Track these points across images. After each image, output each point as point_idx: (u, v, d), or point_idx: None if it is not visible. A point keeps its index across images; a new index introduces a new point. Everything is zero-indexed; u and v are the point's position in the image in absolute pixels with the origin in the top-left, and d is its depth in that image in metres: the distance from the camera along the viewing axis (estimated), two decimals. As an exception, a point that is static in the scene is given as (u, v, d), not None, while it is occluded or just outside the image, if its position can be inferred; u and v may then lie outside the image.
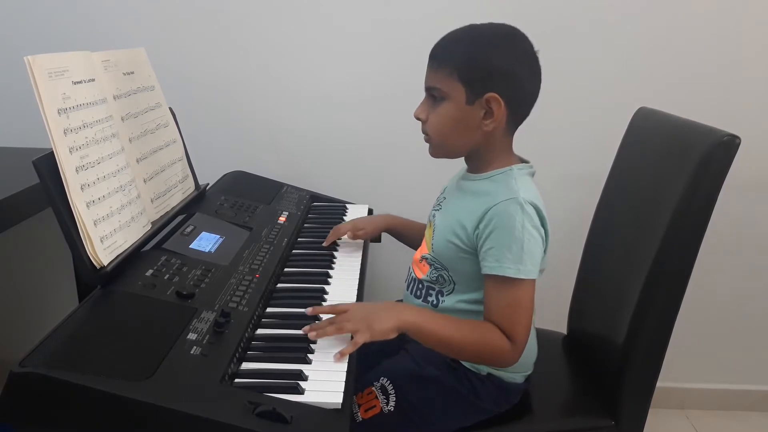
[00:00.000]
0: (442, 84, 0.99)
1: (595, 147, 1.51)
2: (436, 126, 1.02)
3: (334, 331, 0.90)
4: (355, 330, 0.90)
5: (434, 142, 1.04)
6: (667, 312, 1.03)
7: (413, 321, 0.94)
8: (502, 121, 1.00)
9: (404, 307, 1.02)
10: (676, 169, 1.01)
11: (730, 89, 1.62)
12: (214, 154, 1.64)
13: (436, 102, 1.01)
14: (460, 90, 0.98)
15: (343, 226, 1.33)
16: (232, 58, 1.62)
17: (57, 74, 0.93)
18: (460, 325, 0.97)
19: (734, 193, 1.23)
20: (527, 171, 1.04)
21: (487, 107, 0.98)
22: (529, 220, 0.95)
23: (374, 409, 1.02)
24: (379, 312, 0.94)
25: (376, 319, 0.92)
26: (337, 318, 0.93)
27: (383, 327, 0.92)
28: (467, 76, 0.97)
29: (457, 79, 0.98)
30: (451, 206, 1.09)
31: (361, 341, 0.89)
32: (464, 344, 0.96)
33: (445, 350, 1.00)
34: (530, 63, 1.00)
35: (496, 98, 0.97)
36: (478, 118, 0.99)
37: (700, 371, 1.87)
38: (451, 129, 1.01)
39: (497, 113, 0.98)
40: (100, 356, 0.77)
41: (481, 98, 0.97)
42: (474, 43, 1.00)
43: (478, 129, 1.00)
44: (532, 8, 1.55)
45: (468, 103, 0.98)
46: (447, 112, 1.00)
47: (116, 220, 0.99)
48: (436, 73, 1.00)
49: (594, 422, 1.11)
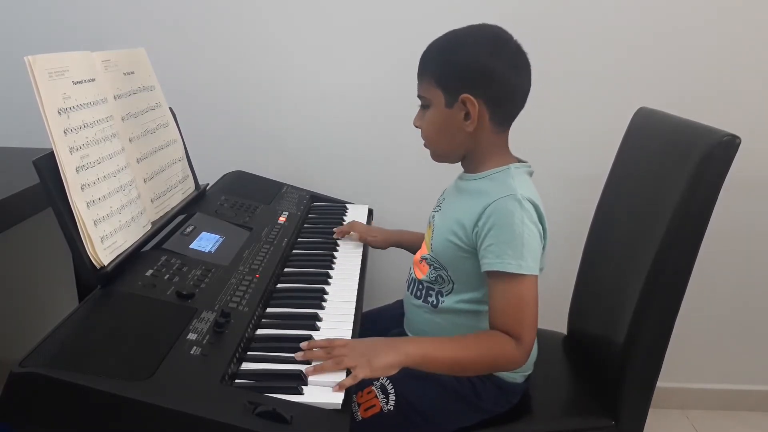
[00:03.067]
0: (425, 92, 1.03)
1: (595, 147, 1.51)
2: (427, 133, 1.06)
3: (331, 367, 0.85)
4: (354, 365, 0.85)
5: (430, 149, 1.07)
6: (667, 312, 1.03)
7: (415, 352, 0.91)
8: (484, 120, 1.00)
9: (403, 341, 0.98)
10: (676, 169, 1.01)
11: (730, 89, 1.62)
12: (214, 154, 1.64)
13: (425, 110, 1.04)
14: (439, 95, 1.01)
15: (360, 224, 1.36)
16: (233, 58, 1.62)
17: (57, 74, 0.93)
18: (464, 343, 0.96)
19: (734, 193, 1.23)
20: (525, 170, 1.05)
21: (465, 108, 0.99)
22: (527, 215, 0.96)
23: (374, 408, 1.02)
24: (378, 348, 0.90)
25: (376, 356, 0.87)
26: (335, 351, 0.87)
27: (383, 363, 0.87)
28: (443, 80, 1.00)
29: (435, 85, 1.01)
30: (450, 206, 1.10)
31: (361, 376, 0.84)
32: (472, 361, 0.95)
33: (457, 372, 1.00)
34: (510, 59, 0.99)
35: (469, 99, 0.98)
36: (459, 120, 1.00)
37: (700, 371, 1.87)
38: (438, 134, 1.04)
39: (473, 113, 0.99)
40: (100, 356, 0.77)
41: (458, 100, 0.99)
42: (447, 47, 1.02)
43: (462, 131, 1.01)
44: (532, 8, 1.55)
45: (447, 107, 1.00)
46: (432, 118, 1.03)
47: (116, 220, 0.99)
48: (420, 82, 1.04)
49: (594, 422, 1.11)
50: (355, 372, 0.84)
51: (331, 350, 0.88)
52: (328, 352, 0.87)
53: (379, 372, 0.88)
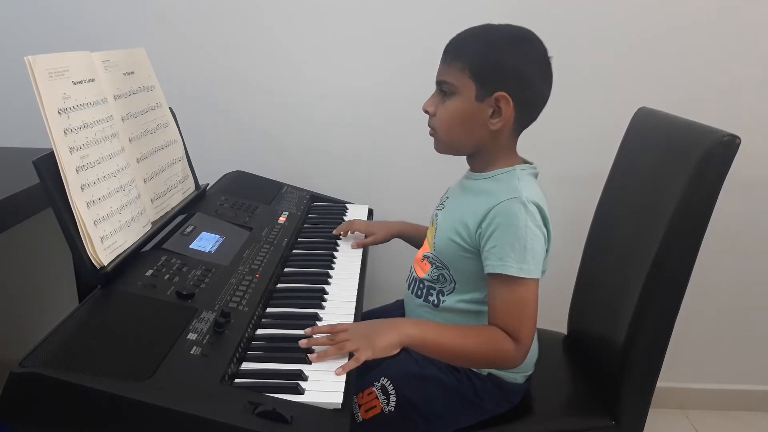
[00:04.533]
0: (454, 78, 0.99)
1: (595, 147, 1.51)
2: (444, 120, 1.02)
3: (334, 352, 0.87)
4: (356, 348, 0.87)
5: (440, 137, 1.04)
6: (667, 312, 1.03)
7: (415, 334, 0.93)
8: (510, 121, 1.00)
9: (404, 321, 1.01)
10: (676, 169, 1.01)
11: (730, 89, 1.62)
12: (214, 154, 1.64)
13: (445, 96, 1.01)
14: (470, 86, 0.98)
15: (359, 223, 1.36)
16: (233, 58, 1.62)
17: (57, 74, 0.93)
18: (463, 332, 0.97)
19: (734, 193, 1.23)
20: (530, 171, 1.04)
21: (496, 106, 0.98)
22: (532, 219, 0.95)
23: (375, 409, 1.02)
24: (379, 328, 0.92)
25: (377, 336, 0.89)
26: (337, 336, 0.90)
27: (384, 343, 0.89)
28: (479, 72, 0.97)
29: (469, 75, 0.98)
30: (454, 205, 1.09)
31: (363, 358, 0.86)
32: (470, 351, 0.96)
33: (452, 359, 1.00)
34: (542, 67, 1.00)
35: (505, 97, 0.97)
36: (486, 115, 0.99)
37: (700, 371, 1.87)
38: (459, 124, 1.01)
39: (505, 112, 0.98)
40: (100, 356, 0.77)
41: (491, 96, 0.97)
42: (488, 40, 1.00)
43: (485, 127, 1.00)
44: (532, 8, 1.55)
45: (477, 100, 0.98)
46: (456, 107, 1.00)
47: (116, 220, 0.99)
48: (449, 68, 1.00)
49: (594, 422, 1.11)
50: (358, 355, 0.86)
51: (333, 336, 0.90)
52: (331, 338, 0.89)
53: (380, 353, 0.89)
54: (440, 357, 0.98)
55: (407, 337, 0.92)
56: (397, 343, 0.91)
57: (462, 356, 0.98)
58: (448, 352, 0.96)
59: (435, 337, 0.95)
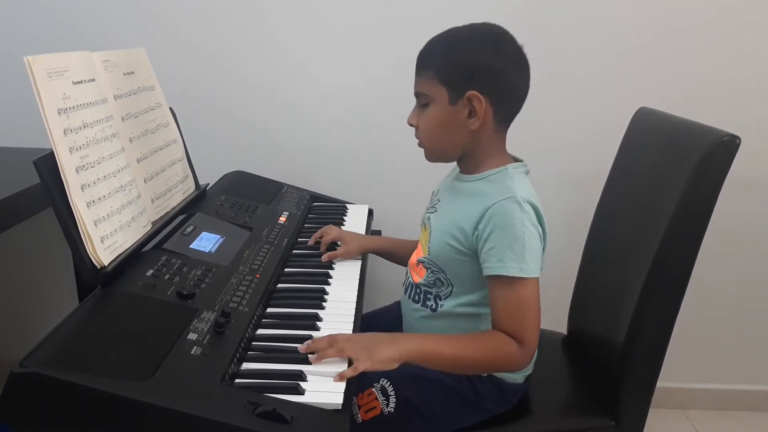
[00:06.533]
0: (426, 88, 1.01)
1: (595, 147, 1.51)
2: (426, 131, 1.03)
3: (334, 354, 0.87)
4: (355, 356, 0.86)
5: (426, 147, 1.06)
6: (667, 312, 1.03)
7: (415, 348, 0.92)
8: (488, 118, 1.00)
9: (404, 337, 1.00)
10: (676, 169, 1.01)
11: (730, 89, 1.62)
12: (214, 154, 1.64)
13: (423, 108, 1.02)
14: (442, 91, 0.99)
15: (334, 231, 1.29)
16: (233, 58, 1.62)
17: (57, 74, 0.93)
18: (465, 341, 0.97)
19: (734, 193, 1.23)
20: (522, 170, 1.04)
21: (470, 105, 0.98)
22: (528, 218, 0.96)
23: (374, 410, 1.02)
24: (379, 341, 0.91)
25: (377, 349, 0.88)
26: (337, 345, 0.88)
27: (384, 356, 0.88)
28: (447, 76, 0.99)
29: (438, 81, 0.99)
30: (447, 208, 1.09)
31: (362, 368, 0.85)
32: (474, 359, 0.96)
33: (457, 369, 1.00)
34: (513, 58, 0.99)
35: (476, 96, 0.97)
36: (462, 117, 0.99)
37: (700, 371, 1.86)
38: (439, 132, 1.02)
39: (480, 111, 0.98)
40: (100, 356, 0.77)
41: (463, 97, 0.98)
42: (451, 43, 1.01)
43: (465, 128, 1.00)
44: (532, 9, 1.55)
45: (451, 104, 0.99)
46: (433, 115, 1.01)
47: (116, 220, 0.99)
48: (420, 78, 1.02)
49: (594, 422, 1.11)
50: (356, 364, 0.85)
51: (333, 343, 0.89)
52: (331, 344, 0.88)
53: (378, 366, 0.88)
54: (445, 368, 0.98)
55: (407, 352, 0.91)
56: (396, 358, 0.90)
57: (467, 365, 0.98)
58: (452, 362, 0.96)
59: (436, 349, 0.94)
